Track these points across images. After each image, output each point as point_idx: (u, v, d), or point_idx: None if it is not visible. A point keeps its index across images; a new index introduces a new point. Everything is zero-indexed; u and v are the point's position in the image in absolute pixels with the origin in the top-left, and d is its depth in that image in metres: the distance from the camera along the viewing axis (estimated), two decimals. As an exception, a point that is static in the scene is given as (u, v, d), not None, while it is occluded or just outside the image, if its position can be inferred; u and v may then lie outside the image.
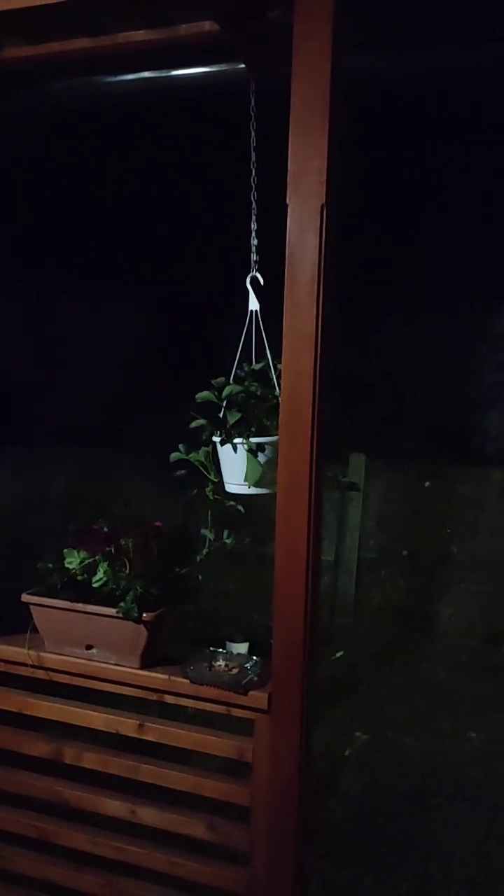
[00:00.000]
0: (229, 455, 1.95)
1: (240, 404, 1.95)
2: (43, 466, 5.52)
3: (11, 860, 2.13)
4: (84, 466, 5.53)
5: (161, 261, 3.68)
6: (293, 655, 1.81)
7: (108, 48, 2.33)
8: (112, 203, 3.41)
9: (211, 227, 3.16)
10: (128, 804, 2.02)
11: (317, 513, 1.78)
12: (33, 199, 3.63)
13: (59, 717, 2.07)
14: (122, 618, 1.93)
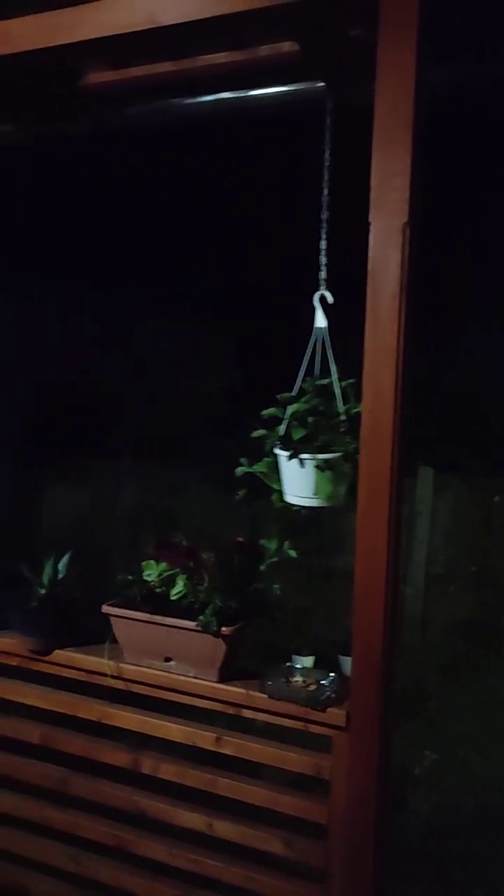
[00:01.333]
0: (293, 469, 1.96)
1: (304, 420, 1.96)
2: (113, 479, 5.62)
3: (91, 867, 2.16)
4: (153, 480, 5.61)
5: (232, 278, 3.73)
6: (372, 673, 1.80)
7: (188, 71, 2.37)
8: (186, 222, 3.47)
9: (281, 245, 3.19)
10: (205, 817, 2.03)
11: (397, 528, 1.77)
12: (112, 219, 3.72)
13: (138, 728, 2.10)
14: (201, 631, 1.95)
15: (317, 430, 1.95)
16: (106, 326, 4.53)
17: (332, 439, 1.92)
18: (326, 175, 2.06)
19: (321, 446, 1.92)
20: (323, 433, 1.94)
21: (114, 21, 1.98)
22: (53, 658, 2.18)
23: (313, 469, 1.92)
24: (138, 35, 1.97)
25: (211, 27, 1.94)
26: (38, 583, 2.21)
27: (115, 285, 4.08)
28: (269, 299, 3.78)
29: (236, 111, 2.45)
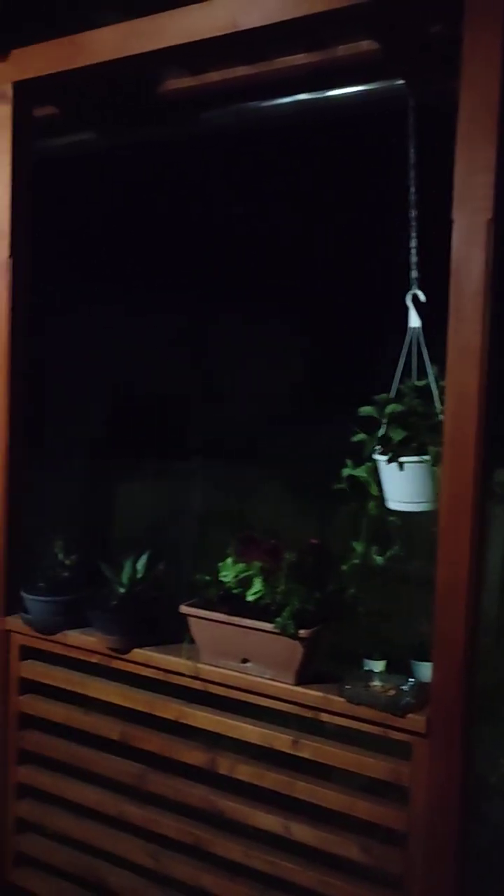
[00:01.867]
0: (394, 473, 1.93)
1: (404, 422, 1.93)
2: (184, 479, 5.68)
3: (168, 864, 2.19)
4: (224, 480, 5.65)
5: (313, 279, 3.73)
6: (453, 679, 1.76)
7: (266, 74, 2.38)
8: (266, 223, 3.49)
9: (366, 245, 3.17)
10: (281, 819, 2.03)
11: (481, 532, 1.73)
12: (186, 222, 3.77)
13: (215, 728, 2.11)
14: (278, 633, 1.95)
15: (417, 432, 1.92)
16: (180, 327, 4.59)
17: (431, 441, 1.90)
18: (412, 173, 2.04)
19: (421, 448, 1.90)
20: (422, 435, 1.91)
21: (195, 27, 2.00)
22: (132, 657, 2.21)
23: (415, 472, 1.90)
24: (219, 40, 1.99)
25: (290, 29, 1.94)
26: (117, 582, 2.25)
27: (191, 286, 4.13)
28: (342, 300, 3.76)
29: (314, 112, 2.44)
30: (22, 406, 2.41)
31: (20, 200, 2.35)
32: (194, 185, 3.61)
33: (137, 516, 5.49)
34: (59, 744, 2.41)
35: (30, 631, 2.38)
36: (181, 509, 5.80)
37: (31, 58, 2.25)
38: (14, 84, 2.27)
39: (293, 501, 5.41)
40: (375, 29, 2.06)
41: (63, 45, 2.20)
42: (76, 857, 2.36)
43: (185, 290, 4.15)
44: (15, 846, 2.47)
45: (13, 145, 2.30)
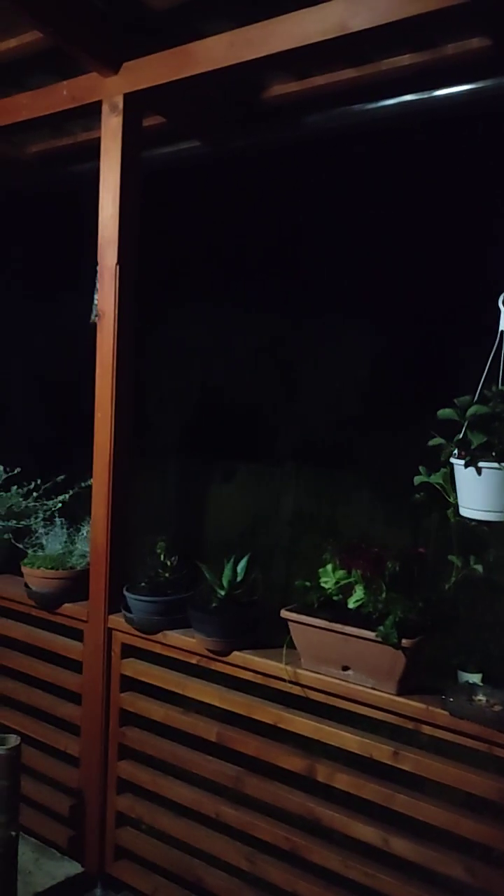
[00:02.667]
0: (470, 479, 1.87)
1: (486, 426, 1.87)
2: (273, 484, 5.69)
3: (264, 868, 2.19)
4: (314, 485, 5.63)
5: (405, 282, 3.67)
6: None
7: (372, 76, 2.36)
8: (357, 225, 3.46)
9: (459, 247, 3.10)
10: (380, 831, 1.99)
11: None
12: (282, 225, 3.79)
13: (314, 735, 2.10)
14: (380, 642, 1.92)
15: (499, 438, 1.86)
16: (273, 331, 4.60)
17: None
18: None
19: (501, 455, 1.83)
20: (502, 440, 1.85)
21: (303, 31, 2.00)
22: (232, 659, 2.23)
23: (494, 479, 1.83)
24: (327, 43, 1.98)
25: (401, 29, 1.91)
26: (218, 584, 2.27)
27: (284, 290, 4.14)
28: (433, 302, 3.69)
29: (420, 113, 2.40)
30: (128, 411, 2.47)
31: (128, 209, 2.40)
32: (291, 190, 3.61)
33: (229, 520, 5.54)
34: (157, 742, 2.45)
35: (131, 629, 2.43)
36: (272, 513, 5.81)
37: (141, 70, 2.31)
38: (125, 95, 2.33)
39: (385, 507, 5.33)
40: (488, 25, 2.01)
41: (173, 55, 2.24)
42: (173, 854, 2.39)
43: (278, 294, 4.15)
44: (115, 839, 2.52)
45: (123, 155, 2.36)
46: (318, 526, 5.50)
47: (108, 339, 2.43)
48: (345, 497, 5.63)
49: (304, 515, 5.68)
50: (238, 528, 5.36)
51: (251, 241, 4.13)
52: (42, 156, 3.30)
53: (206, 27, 2.25)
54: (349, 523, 5.64)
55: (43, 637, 2.72)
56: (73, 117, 2.70)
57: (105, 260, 2.43)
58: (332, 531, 5.46)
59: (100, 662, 2.51)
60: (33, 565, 2.60)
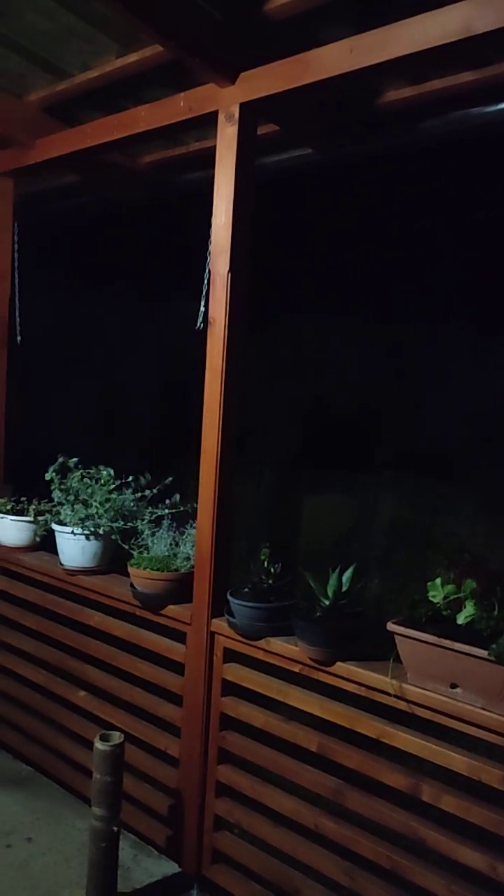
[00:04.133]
0: None
1: None
2: (373, 493, 5.62)
3: (364, 885, 2.14)
4: (415, 496, 5.53)
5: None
6: None
7: (492, 79, 2.30)
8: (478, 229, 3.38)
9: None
10: (488, 858, 1.92)
11: None
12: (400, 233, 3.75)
13: (419, 752, 2.05)
14: (493, 661, 1.85)
15: None
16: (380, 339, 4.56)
17: None
18: None
19: None
20: None
21: (424, 35, 1.97)
22: (335, 670, 2.20)
23: None
24: (450, 46, 1.94)
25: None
26: (322, 593, 2.25)
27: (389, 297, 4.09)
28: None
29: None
30: (236, 417, 2.49)
31: (241, 217, 2.43)
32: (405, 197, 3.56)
33: (329, 529, 5.51)
34: (257, 748, 2.45)
35: (234, 634, 2.44)
36: (370, 523, 5.74)
37: (258, 79, 2.33)
38: (241, 105, 2.36)
39: (489, 519, 5.17)
40: None
41: (289, 64, 2.25)
42: (271, 862, 2.38)
43: (388, 302, 4.11)
44: (212, 842, 2.54)
45: (237, 164, 2.38)
46: (420, 537, 5.39)
47: (218, 345, 2.46)
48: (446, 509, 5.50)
49: (405, 526, 5.59)
50: (338, 538, 5.32)
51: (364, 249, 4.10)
52: (155, 165, 3.38)
53: (323, 35, 2.25)
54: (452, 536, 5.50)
55: (147, 637, 2.77)
56: (187, 128, 2.75)
57: (217, 267, 2.46)
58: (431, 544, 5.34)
59: (202, 665, 2.54)
60: (139, 566, 2.65)
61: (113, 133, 2.79)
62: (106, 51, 2.64)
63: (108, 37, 2.55)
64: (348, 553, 5.45)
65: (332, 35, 2.21)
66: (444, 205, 3.37)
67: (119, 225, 4.45)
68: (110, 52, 2.65)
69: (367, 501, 5.74)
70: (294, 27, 2.30)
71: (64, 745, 3.07)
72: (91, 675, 2.97)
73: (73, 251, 4.71)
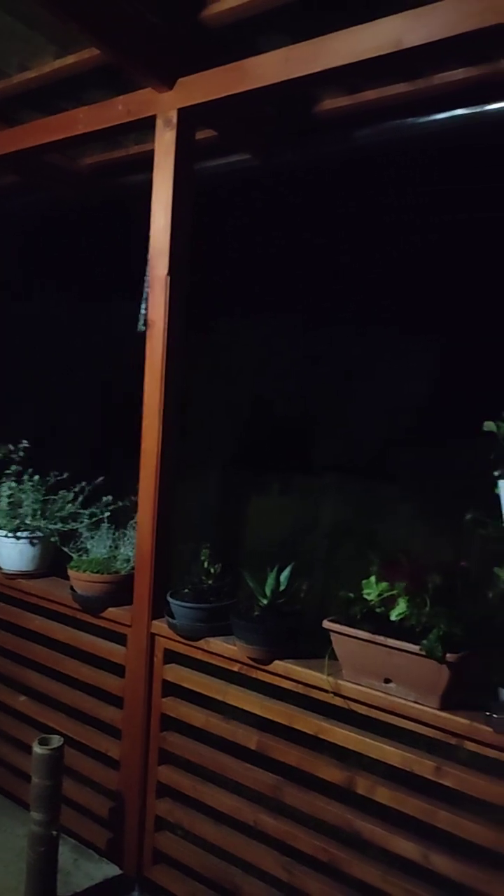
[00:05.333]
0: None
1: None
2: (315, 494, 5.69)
3: (302, 879, 2.18)
4: (353, 497, 5.61)
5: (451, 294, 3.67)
6: None
7: (424, 90, 2.37)
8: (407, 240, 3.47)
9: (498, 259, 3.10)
10: (421, 847, 1.98)
11: None
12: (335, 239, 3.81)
13: (355, 747, 2.09)
14: (424, 656, 1.91)
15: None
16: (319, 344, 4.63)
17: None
18: None
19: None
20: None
21: (358, 48, 2.02)
22: (273, 668, 2.23)
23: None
24: (382, 59, 1.99)
25: (456, 45, 1.92)
26: (261, 593, 2.28)
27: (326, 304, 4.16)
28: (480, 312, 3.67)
29: (472, 126, 2.40)
30: (176, 421, 2.50)
31: (180, 221, 2.45)
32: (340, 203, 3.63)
33: (270, 530, 5.56)
34: (197, 748, 2.47)
35: (174, 635, 2.46)
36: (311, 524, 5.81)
37: (196, 85, 2.35)
38: (179, 110, 2.38)
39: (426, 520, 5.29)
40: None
41: (227, 71, 2.28)
42: (211, 860, 2.40)
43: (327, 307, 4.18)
44: (153, 843, 2.55)
45: (175, 168, 2.40)
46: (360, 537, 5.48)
47: (157, 348, 2.47)
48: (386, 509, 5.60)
49: (345, 527, 5.68)
50: (279, 538, 5.37)
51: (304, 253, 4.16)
52: (95, 168, 3.37)
53: (260, 43, 2.29)
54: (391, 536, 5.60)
55: (87, 640, 2.76)
56: (127, 131, 2.76)
57: (156, 270, 2.47)
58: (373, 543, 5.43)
59: (142, 667, 2.54)
60: (79, 569, 2.64)
61: (52, 134, 2.78)
62: (44, 52, 2.63)
63: (46, 38, 2.54)
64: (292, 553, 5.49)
65: (270, 44, 2.25)
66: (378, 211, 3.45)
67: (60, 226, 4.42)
68: (48, 53, 2.64)
69: (310, 502, 5.82)
70: (232, 35, 2.33)
71: (3, 750, 3.03)
72: (31, 679, 2.95)
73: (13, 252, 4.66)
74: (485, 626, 2.01)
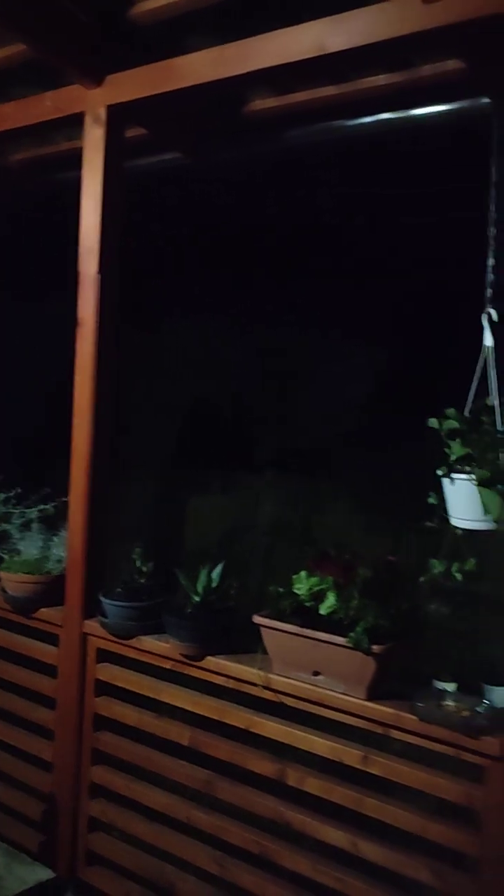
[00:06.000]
0: (455, 490, 1.92)
1: (464, 438, 1.92)
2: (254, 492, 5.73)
3: (234, 872, 2.20)
4: (293, 494, 5.67)
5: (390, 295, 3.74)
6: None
7: (350, 94, 2.42)
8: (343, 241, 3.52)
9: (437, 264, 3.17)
10: (350, 835, 2.02)
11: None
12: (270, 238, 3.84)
13: (285, 739, 2.12)
14: (351, 648, 1.95)
15: (481, 450, 1.91)
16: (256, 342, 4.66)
17: (488, 459, 1.88)
18: (493, 192, 2.03)
19: (480, 466, 1.88)
20: (483, 452, 1.90)
21: (283, 50, 2.05)
22: (205, 664, 2.25)
23: (476, 489, 1.88)
24: (306, 63, 2.03)
25: (378, 51, 1.97)
26: (193, 590, 2.29)
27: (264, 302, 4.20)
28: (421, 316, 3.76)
29: (397, 131, 2.46)
30: (108, 419, 2.49)
31: (110, 218, 2.44)
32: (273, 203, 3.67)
33: (209, 527, 5.57)
34: (131, 746, 2.46)
35: (106, 634, 2.45)
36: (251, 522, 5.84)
37: (124, 83, 2.35)
38: (108, 107, 2.37)
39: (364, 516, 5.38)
40: (462, 49, 2.07)
41: (156, 70, 2.28)
42: (145, 859, 2.40)
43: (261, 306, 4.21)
44: (87, 844, 2.53)
45: (105, 166, 2.39)
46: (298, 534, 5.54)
47: (87, 346, 2.46)
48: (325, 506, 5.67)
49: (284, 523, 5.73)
50: (218, 535, 5.38)
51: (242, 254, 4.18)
52: (25, 164, 3.33)
53: (190, 42, 2.30)
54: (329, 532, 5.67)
55: (18, 641, 2.72)
56: (56, 127, 2.73)
57: (86, 268, 2.45)
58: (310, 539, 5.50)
59: (75, 667, 2.52)
60: (10, 570, 2.61)
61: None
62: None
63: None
64: (230, 551, 5.52)
65: (199, 43, 2.26)
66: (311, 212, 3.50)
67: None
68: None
69: (250, 500, 5.85)
70: (161, 33, 2.34)
71: None
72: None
73: None
74: (410, 617, 2.06)
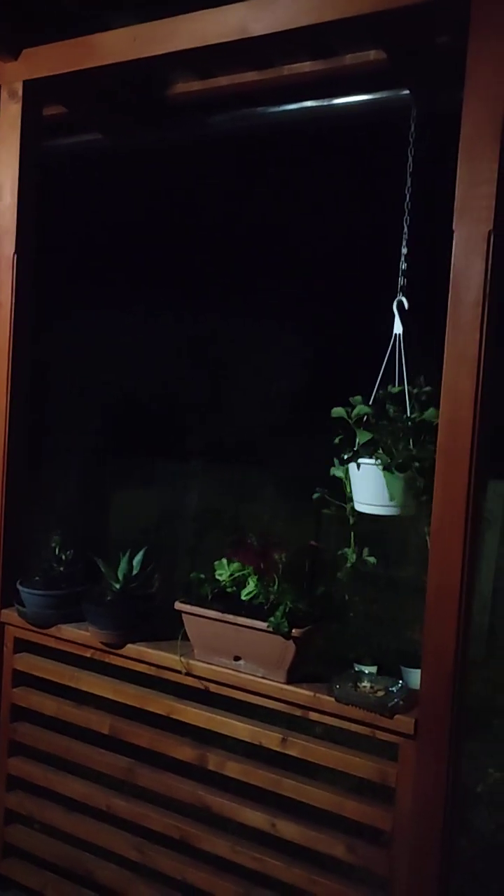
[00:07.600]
0: (361, 475, 1.97)
1: (370, 424, 1.97)
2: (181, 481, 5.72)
3: (154, 858, 2.20)
4: (220, 482, 5.68)
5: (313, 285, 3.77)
6: (442, 683, 1.78)
7: (273, 80, 2.41)
8: (266, 228, 3.53)
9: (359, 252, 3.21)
10: (268, 816, 2.05)
11: (473, 537, 1.75)
12: (191, 225, 3.81)
13: (206, 725, 2.13)
14: (271, 632, 1.97)
15: (388, 437, 1.95)
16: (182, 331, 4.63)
17: (396, 445, 1.92)
18: (409, 182, 2.07)
19: (384, 452, 1.92)
20: (388, 439, 1.94)
21: (205, 32, 2.03)
22: (126, 652, 2.23)
23: (380, 475, 1.93)
24: (228, 45, 2.02)
25: (299, 37, 1.97)
26: (112, 577, 2.27)
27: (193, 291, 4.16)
28: (344, 304, 3.80)
29: (320, 119, 2.47)
30: (24, 405, 2.43)
31: (27, 198, 2.37)
32: (198, 189, 3.64)
33: (136, 516, 5.53)
34: (49, 737, 2.43)
35: (24, 624, 2.40)
36: (178, 510, 5.83)
37: (42, 58, 2.28)
38: (25, 83, 2.30)
39: (289, 504, 5.44)
40: (383, 39, 2.09)
41: (74, 45, 2.23)
42: (64, 849, 2.38)
43: (187, 294, 4.19)
44: (4, 837, 2.49)
45: (22, 143, 2.33)
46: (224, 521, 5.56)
47: (3, 331, 2.39)
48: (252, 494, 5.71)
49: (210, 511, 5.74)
50: (144, 524, 5.36)
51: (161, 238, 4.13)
52: None
53: (112, 20, 2.25)
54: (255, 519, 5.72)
55: None
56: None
57: (2, 249, 2.38)
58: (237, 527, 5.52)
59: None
60: None
61: None
62: None
63: None
64: (159, 540, 5.50)
65: (120, 21, 2.22)
66: (236, 198, 3.49)
67: None
68: None
69: (177, 489, 5.84)
70: (83, 9, 2.28)
71: None
72: None
73: None
74: (328, 600, 2.10)
